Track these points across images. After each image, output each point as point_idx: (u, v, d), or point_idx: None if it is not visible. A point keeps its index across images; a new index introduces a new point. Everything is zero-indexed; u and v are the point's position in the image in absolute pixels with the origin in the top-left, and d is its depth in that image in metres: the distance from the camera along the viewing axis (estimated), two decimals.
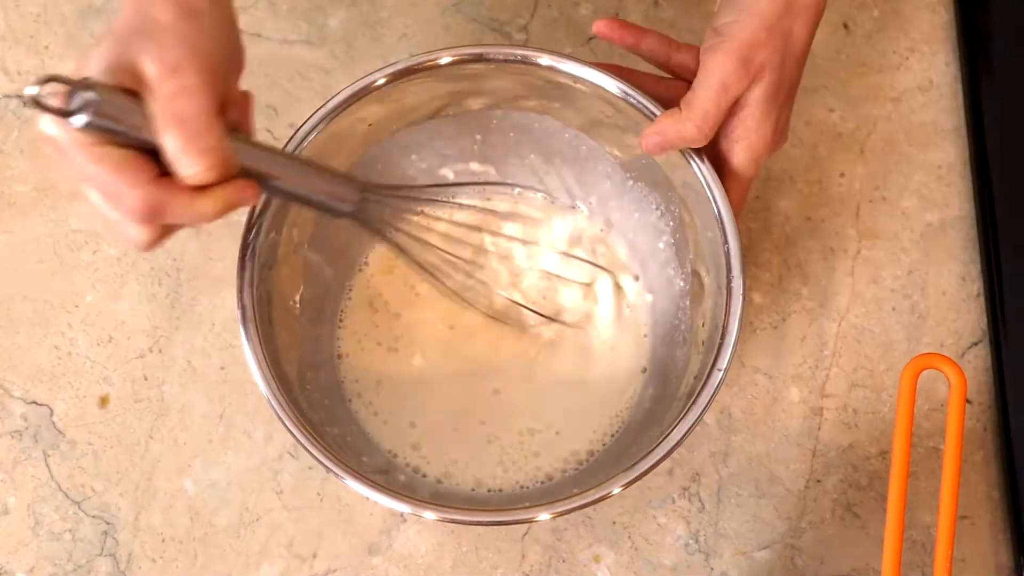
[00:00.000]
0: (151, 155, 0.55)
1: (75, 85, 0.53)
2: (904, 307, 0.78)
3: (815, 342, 0.77)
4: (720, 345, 0.65)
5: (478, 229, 0.75)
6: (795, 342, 0.77)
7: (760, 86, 0.65)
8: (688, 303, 0.72)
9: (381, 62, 0.81)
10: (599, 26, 0.71)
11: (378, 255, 0.76)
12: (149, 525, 0.73)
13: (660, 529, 0.73)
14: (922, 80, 0.82)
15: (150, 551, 0.73)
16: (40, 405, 0.75)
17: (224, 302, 0.77)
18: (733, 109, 0.66)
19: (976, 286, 0.78)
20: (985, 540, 0.73)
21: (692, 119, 0.65)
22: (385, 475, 0.70)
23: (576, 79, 0.70)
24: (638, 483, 0.64)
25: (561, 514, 0.64)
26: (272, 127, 0.80)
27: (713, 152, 0.67)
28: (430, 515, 0.63)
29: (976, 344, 0.77)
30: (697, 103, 0.65)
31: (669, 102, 0.68)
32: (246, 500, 0.74)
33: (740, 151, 0.66)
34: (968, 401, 0.76)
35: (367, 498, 0.63)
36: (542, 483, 0.72)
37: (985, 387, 0.76)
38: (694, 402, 0.64)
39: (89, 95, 0.52)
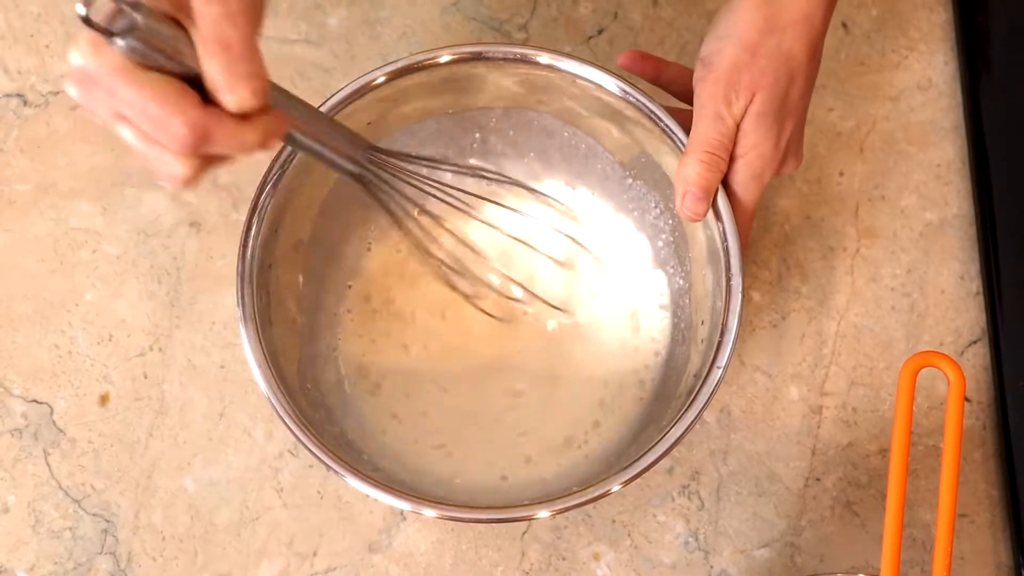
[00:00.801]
0: (191, 84, 0.52)
1: (123, 4, 0.51)
2: (903, 306, 0.78)
3: (814, 340, 0.77)
4: (719, 343, 0.65)
5: (469, 215, 0.74)
6: (794, 340, 0.77)
7: (753, 105, 0.65)
8: (687, 301, 0.72)
9: (381, 61, 0.81)
10: (623, 60, 0.73)
11: (377, 253, 0.76)
12: (149, 523, 0.73)
13: (660, 527, 0.74)
14: (921, 79, 0.83)
15: (150, 549, 0.73)
16: (40, 403, 0.76)
17: (224, 300, 0.77)
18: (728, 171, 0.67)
19: (975, 284, 0.78)
20: (984, 538, 0.74)
21: (695, 152, 0.66)
22: (386, 472, 0.70)
23: (575, 77, 0.70)
24: (638, 481, 0.64)
25: (561, 511, 0.64)
26: None
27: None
28: (430, 512, 0.64)
29: (975, 343, 0.77)
30: (697, 137, 0.66)
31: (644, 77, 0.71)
32: (246, 498, 0.74)
33: (739, 169, 0.67)
34: (967, 399, 0.76)
35: (367, 496, 0.64)
36: (541, 481, 0.72)
37: (984, 385, 0.76)
38: (693, 400, 0.64)
39: (136, 17, 0.51)
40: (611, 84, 0.69)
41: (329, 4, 0.83)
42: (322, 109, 0.69)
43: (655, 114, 0.69)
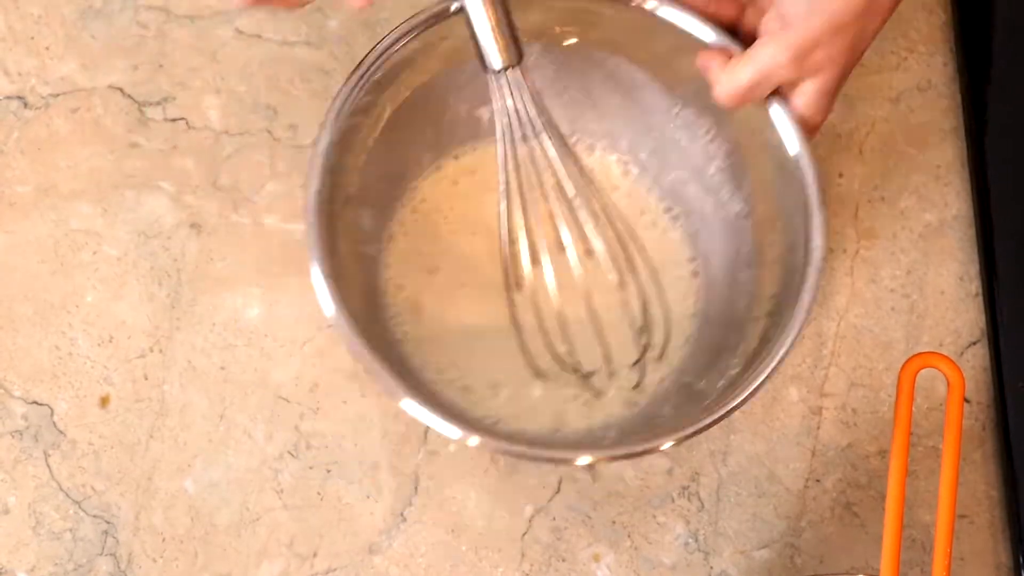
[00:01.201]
0: None
1: None
2: (903, 307, 0.78)
3: (814, 341, 0.77)
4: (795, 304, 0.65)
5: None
6: None
7: (818, 80, 0.64)
8: (749, 224, 0.71)
9: None
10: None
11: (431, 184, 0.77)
12: (150, 524, 0.74)
13: (660, 528, 0.74)
14: (920, 80, 0.83)
15: (150, 550, 0.73)
16: (41, 405, 0.76)
17: (224, 302, 0.77)
18: (788, 90, 0.65)
19: (974, 285, 0.78)
20: (984, 539, 0.74)
21: (722, 84, 0.65)
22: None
23: (615, 4, 0.69)
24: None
25: (605, 459, 0.65)
26: (272, 128, 0.81)
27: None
28: (475, 440, 0.63)
29: (975, 343, 0.77)
30: (735, 76, 0.64)
31: (719, 19, 0.68)
32: (246, 499, 0.74)
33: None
34: (967, 400, 0.76)
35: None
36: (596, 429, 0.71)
37: (984, 386, 0.76)
38: (760, 365, 0.64)
39: None
40: (666, 11, 0.68)
41: (329, 6, 0.83)
42: (357, 73, 0.68)
43: (703, 37, 0.67)
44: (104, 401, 0.76)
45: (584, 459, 0.64)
